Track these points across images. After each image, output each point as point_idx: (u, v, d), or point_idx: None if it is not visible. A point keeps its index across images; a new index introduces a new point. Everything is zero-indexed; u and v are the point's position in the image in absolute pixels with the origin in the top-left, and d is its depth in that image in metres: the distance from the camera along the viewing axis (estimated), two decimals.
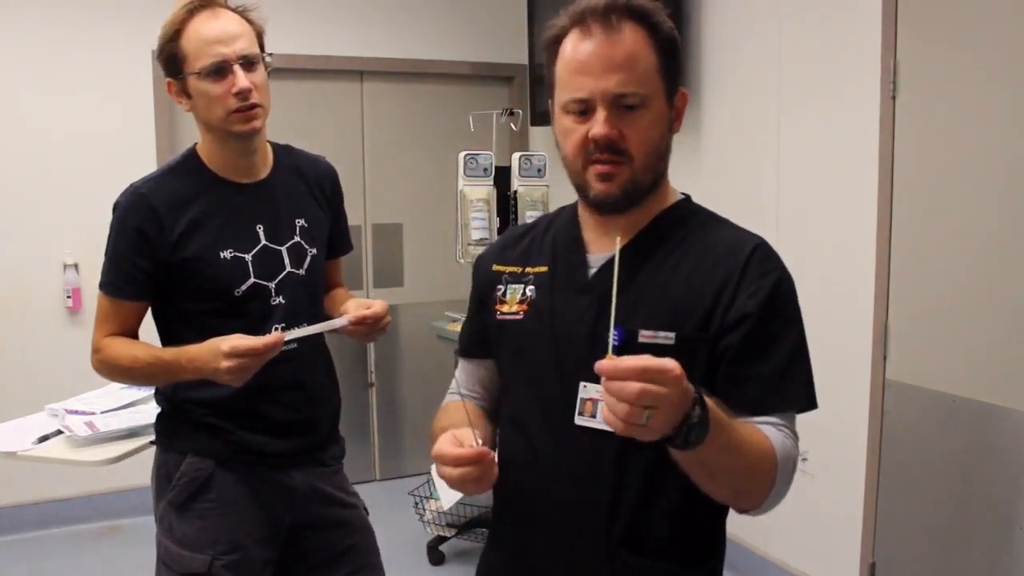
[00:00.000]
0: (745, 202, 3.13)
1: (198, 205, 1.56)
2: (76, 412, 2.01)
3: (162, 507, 1.64)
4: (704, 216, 1.27)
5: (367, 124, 4.31)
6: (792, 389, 1.15)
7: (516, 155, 3.46)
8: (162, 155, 3.76)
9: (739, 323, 1.11)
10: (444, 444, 1.04)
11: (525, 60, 4.22)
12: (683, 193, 1.29)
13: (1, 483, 3.60)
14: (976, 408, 2.29)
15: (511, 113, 3.86)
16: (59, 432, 1.94)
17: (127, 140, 3.73)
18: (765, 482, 1.06)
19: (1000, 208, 2.24)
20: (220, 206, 1.58)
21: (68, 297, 3.69)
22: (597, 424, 1.06)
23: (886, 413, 2.58)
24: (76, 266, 3.70)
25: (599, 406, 0.94)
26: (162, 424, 1.68)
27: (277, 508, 1.65)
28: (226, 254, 1.56)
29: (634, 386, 0.83)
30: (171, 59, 1.54)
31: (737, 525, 3.57)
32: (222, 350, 1.43)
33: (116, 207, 1.57)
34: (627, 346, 1.07)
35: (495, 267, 1.29)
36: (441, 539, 3.47)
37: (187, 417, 1.62)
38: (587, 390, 1.11)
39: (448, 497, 3.29)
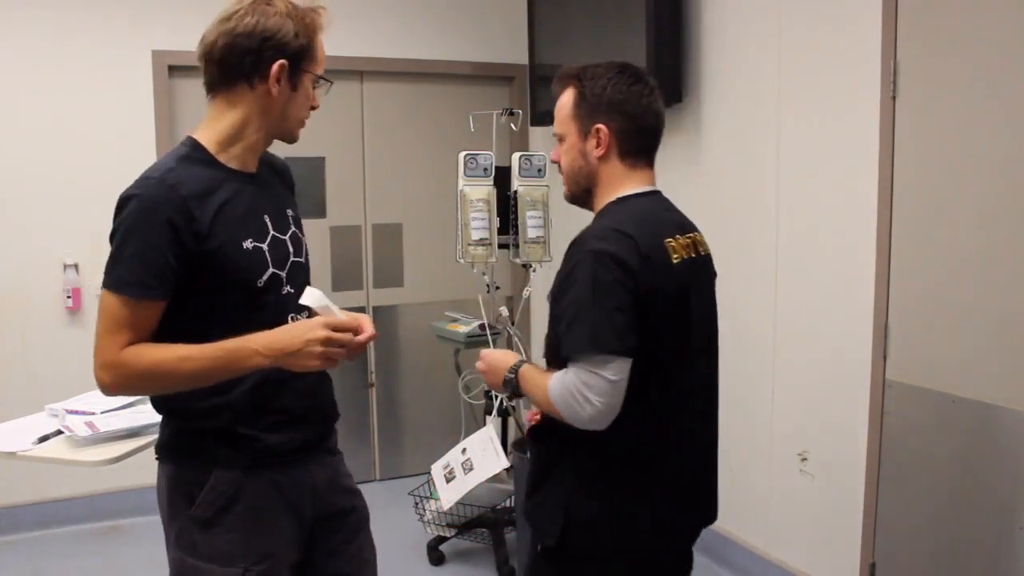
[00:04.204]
0: (745, 203, 3.13)
1: (219, 195, 1.50)
2: (76, 412, 2.01)
3: (179, 524, 1.57)
4: (603, 212, 1.68)
5: (367, 124, 4.31)
6: (573, 340, 1.52)
7: (516, 155, 3.45)
8: (162, 155, 3.76)
9: (555, 293, 1.59)
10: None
11: (525, 60, 4.22)
12: (639, 194, 1.68)
13: (1, 483, 3.60)
14: (976, 408, 2.29)
15: (511, 113, 3.86)
16: (59, 432, 1.94)
17: (127, 140, 3.73)
18: (548, 406, 1.55)
19: (1000, 208, 2.24)
20: (236, 196, 1.53)
21: (68, 297, 3.70)
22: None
23: (886, 413, 2.59)
24: (76, 266, 3.70)
25: None
26: (175, 439, 1.59)
27: (302, 507, 1.64)
28: (247, 244, 1.53)
29: (477, 366, 1.75)
30: (302, 50, 1.53)
31: (737, 525, 3.59)
32: (318, 336, 1.41)
33: (135, 199, 1.43)
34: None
35: None
36: (441, 539, 3.47)
37: (208, 428, 1.55)
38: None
39: (448, 497, 3.29)
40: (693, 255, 1.68)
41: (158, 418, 1.69)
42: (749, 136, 3.10)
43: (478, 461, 3.02)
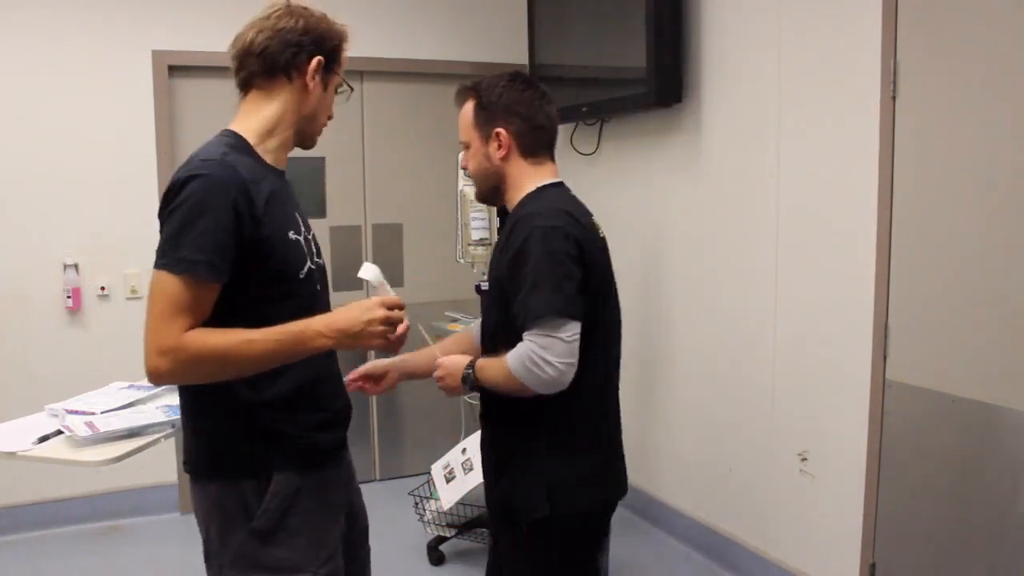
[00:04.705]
0: (745, 202, 3.13)
1: (266, 184, 1.50)
2: (76, 412, 2.00)
3: (237, 544, 1.50)
4: (525, 200, 1.83)
5: (367, 124, 4.31)
6: (531, 308, 1.66)
7: None
8: (162, 156, 3.77)
9: (507, 271, 1.72)
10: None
11: (525, 60, 4.22)
12: (550, 184, 1.86)
13: (1, 483, 3.61)
14: (976, 408, 2.29)
15: None
16: (59, 432, 1.93)
17: (127, 140, 3.73)
18: (514, 385, 1.68)
19: (1000, 208, 2.24)
20: (278, 189, 1.54)
21: (68, 297, 3.70)
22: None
23: (886, 413, 2.59)
24: (76, 266, 3.70)
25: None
26: (220, 450, 1.51)
27: (343, 503, 1.66)
28: (292, 235, 1.53)
29: (435, 375, 1.83)
30: (334, 51, 1.60)
31: (737, 525, 3.59)
32: (377, 316, 1.44)
33: (200, 179, 1.40)
34: (479, 291, 1.92)
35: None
36: (441, 539, 3.47)
37: (259, 431, 1.50)
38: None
39: (448, 497, 3.29)
40: (603, 235, 1.90)
41: (159, 418, 1.68)
42: (749, 136, 3.10)
43: (478, 461, 3.02)
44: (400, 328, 1.51)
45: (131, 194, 3.68)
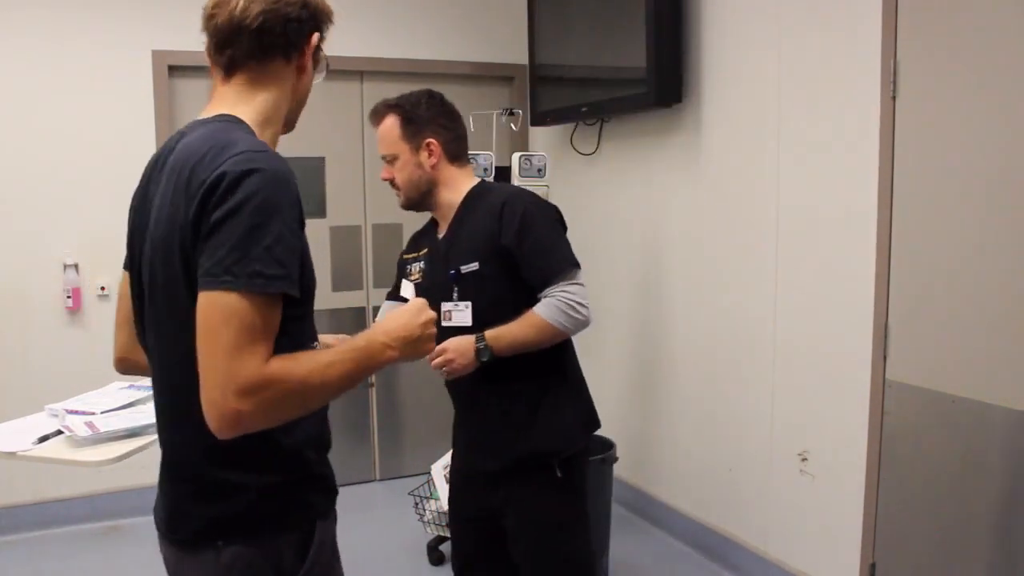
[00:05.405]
0: (745, 203, 3.13)
1: None
2: (76, 412, 2.00)
3: None
4: (488, 189, 2.11)
5: (367, 124, 4.29)
6: (555, 263, 1.99)
7: (516, 155, 3.46)
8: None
9: (516, 242, 1.96)
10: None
11: (525, 60, 4.22)
12: (483, 181, 2.14)
13: (1, 483, 3.61)
14: (976, 408, 2.29)
15: (511, 113, 3.86)
16: (59, 432, 1.93)
17: (127, 140, 3.73)
18: (553, 333, 1.97)
19: (1000, 208, 2.24)
20: None
21: (68, 297, 3.70)
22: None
23: (886, 413, 2.59)
24: (76, 266, 3.70)
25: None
26: (257, 505, 1.24)
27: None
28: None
29: (438, 362, 1.95)
30: (327, 25, 1.37)
31: (737, 525, 3.58)
32: (430, 317, 1.32)
33: (261, 173, 1.12)
34: (458, 278, 2.02)
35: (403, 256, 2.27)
36: (441, 539, 3.47)
37: (302, 479, 1.29)
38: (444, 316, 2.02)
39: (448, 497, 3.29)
40: None
41: None
42: (749, 136, 3.09)
43: None
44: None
45: (131, 194, 3.67)
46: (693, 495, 3.52)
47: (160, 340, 1.26)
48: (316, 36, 1.33)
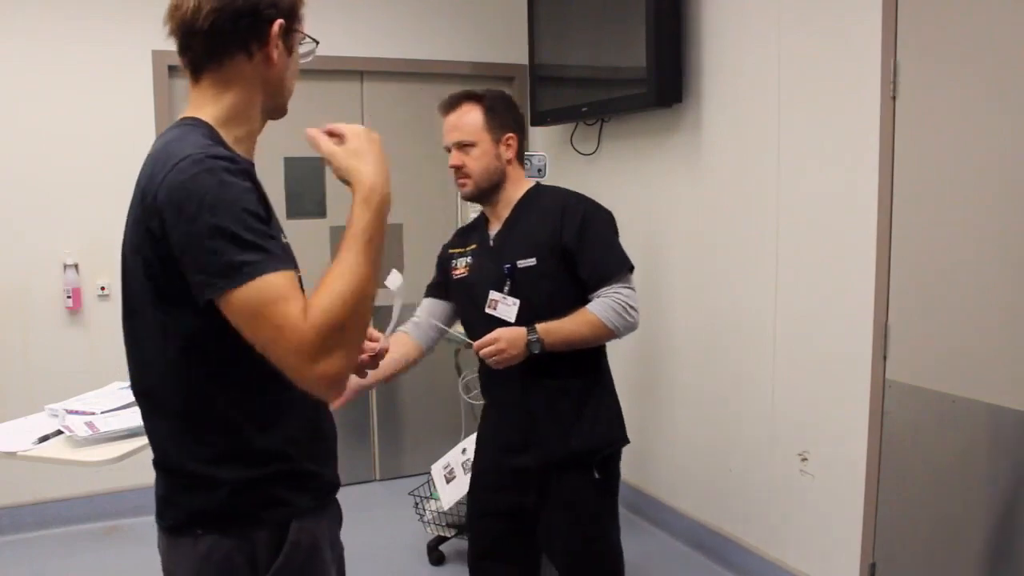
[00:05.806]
0: (745, 203, 3.13)
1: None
2: (76, 412, 2.01)
3: None
4: (544, 191, 2.20)
5: (367, 124, 4.29)
6: (612, 263, 2.08)
7: None
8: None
9: (576, 241, 2.05)
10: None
11: (525, 60, 4.22)
12: (535, 184, 2.21)
13: (1, 483, 3.60)
14: (976, 408, 2.30)
15: None
16: (59, 432, 1.94)
17: (127, 140, 3.72)
18: (605, 333, 2.03)
19: (1000, 208, 2.24)
20: (259, 185, 1.28)
21: (68, 297, 3.70)
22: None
23: (886, 413, 2.59)
24: (76, 266, 3.70)
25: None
26: (233, 498, 1.25)
27: (340, 544, 1.48)
28: (284, 239, 1.29)
29: (488, 351, 1.98)
30: (293, 7, 1.30)
31: (737, 525, 3.58)
32: (374, 137, 1.30)
33: (202, 173, 1.14)
34: (513, 272, 2.08)
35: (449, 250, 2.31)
36: (441, 539, 3.47)
37: (278, 471, 1.28)
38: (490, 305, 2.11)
39: (448, 497, 3.29)
40: None
41: None
42: (749, 136, 3.09)
43: None
44: (372, 345, 1.38)
45: (131, 194, 3.68)
46: (693, 495, 3.52)
47: (132, 344, 1.33)
48: (279, 24, 1.26)
